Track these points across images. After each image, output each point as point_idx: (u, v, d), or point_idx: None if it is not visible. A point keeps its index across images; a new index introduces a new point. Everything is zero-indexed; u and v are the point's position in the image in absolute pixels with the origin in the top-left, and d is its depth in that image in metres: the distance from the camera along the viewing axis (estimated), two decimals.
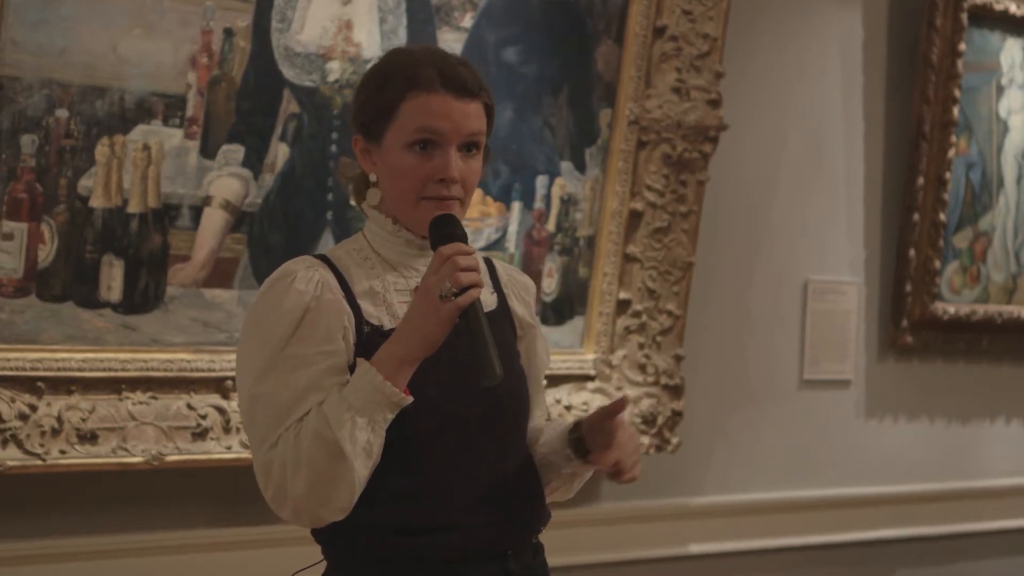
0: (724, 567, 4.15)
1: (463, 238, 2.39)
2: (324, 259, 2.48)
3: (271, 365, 2.38)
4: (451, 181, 2.43)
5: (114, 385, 3.11)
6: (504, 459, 2.51)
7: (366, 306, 2.44)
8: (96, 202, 3.07)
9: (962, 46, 4.43)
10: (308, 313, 2.39)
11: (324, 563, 2.53)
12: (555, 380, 3.70)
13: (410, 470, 2.39)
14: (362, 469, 2.33)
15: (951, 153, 4.47)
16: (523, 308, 2.64)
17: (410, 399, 2.35)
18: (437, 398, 2.40)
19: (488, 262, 2.65)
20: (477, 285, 2.34)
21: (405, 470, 2.39)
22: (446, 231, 2.40)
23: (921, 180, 4.43)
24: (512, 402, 2.53)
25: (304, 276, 2.42)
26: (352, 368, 2.39)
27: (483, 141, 2.49)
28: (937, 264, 4.49)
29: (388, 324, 2.43)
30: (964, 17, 4.42)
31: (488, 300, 2.54)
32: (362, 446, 2.33)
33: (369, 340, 2.41)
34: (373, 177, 2.49)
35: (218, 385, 3.23)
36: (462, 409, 2.44)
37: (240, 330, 2.50)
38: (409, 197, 2.44)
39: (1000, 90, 4.64)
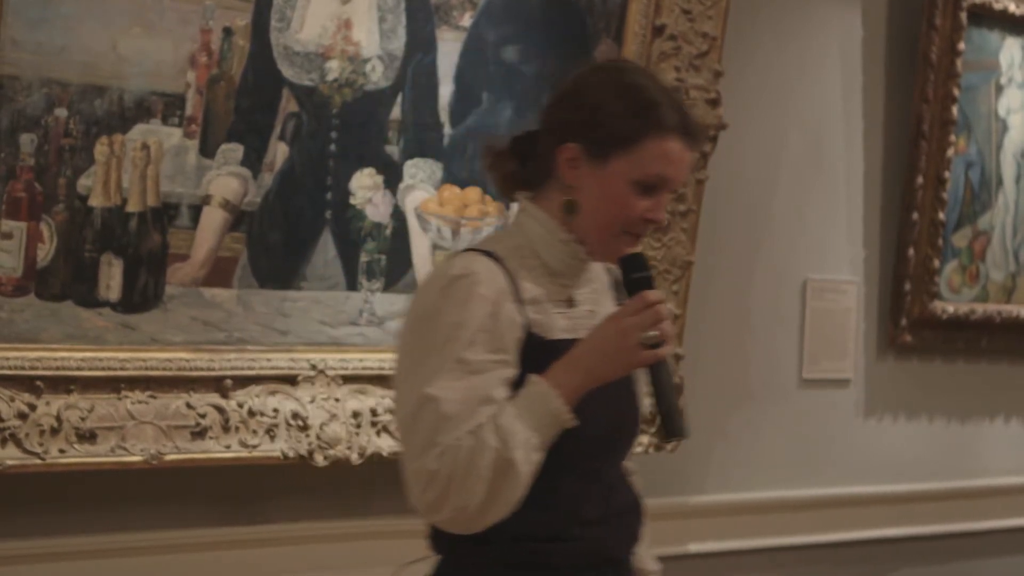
0: (723, 566, 4.16)
1: (652, 282, 2.42)
2: (495, 258, 2.43)
3: (445, 368, 2.34)
4: (657, 224, 2.46)
5: (113, 384, 3.11)
6: (618, 479, 2.56)
7: (532, 315, 2.42)
8: (95, 201, 3.06)
9: (961, 45, 4.43)
10: (490, 320, 2.36)
11: (432, 559, 2.55)
12: None
13: (544, 485, 2.37)
14: (525, 488, 2.33)
15: (950, 152, 4.47)
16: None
17: (576, 423, 2.35)
18: (585, 423, 2.38)
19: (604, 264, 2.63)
20: (669, 337, 2.36)
21: (540, 485, 2.36)
22: (646, 274, 2.42)
23: (920, 179, 4.43)
24: (634, 424, 2.59)
25: (487, 279, 2.38)
26: (519, 380, 2.37)
27: None
28: (936, 263, 4.49)
29: (549, 335, 2.42)
30: (963, 16, 4.42)
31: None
32: (533, 465, 2.33)
33: (534, 350, 2.40)
34: (568, 187, 2.45)
35: (217, 384, 3.23)
36: (601, 432, 2.45)
37: (407, 318, 2.45)
38: (614, 228, 2.43)
39: (999, 89, 4.64)
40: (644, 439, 3.81)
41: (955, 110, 4.45)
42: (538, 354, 2.38)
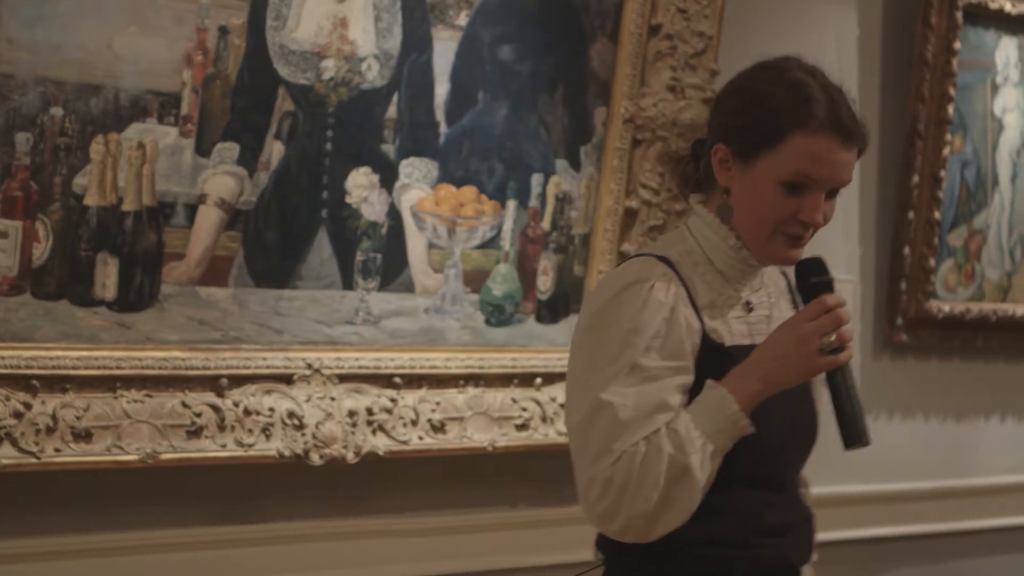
0: None
1: (832, 286, 2.38)
2: (668, 263, 2.41)
3: (621, 374, 2.33)
4: (813, 226, 2.39)
5: (109, 383, 3.10)
6: (797, 488, 2.55)
7: (708, 320, 2.40)
8: (91, 200, 3.06)
9: (957, 44, 4.43)
10: (665, 325, 2.35)
11: (600, 568, 2.54)
12: (550, 378, 3.70)
13: (729, 493, 2.37)
14: (700, 495, 2.32)
15: (946, 151, 4.47)
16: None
17: (753, 429, 2.33)
18: (766, 430, 2.37)
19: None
20: (849, 342, 2.34)
21: (725, 492, 2.36)
22: (825, 278, 2.39)
23: (916, 178, 4.43)
24: (812, 432, 2.56)
25: (662, 285, 2.37)
26: (695, 386, 2.36)
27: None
28: (932, 262, 4.49)
29: (727, 341, 2.40)
30: (959, 15, 4.42)
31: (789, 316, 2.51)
32: (709, 472, 2.31)
33: (711, 357, 2.38)
34: (724, 189, 2.43)
35: (213, 383, 3.23)
36: (781, 439, 2.44)
37: (580, 323, 2.44)
38: (766, 230, 2.39)
39: (995, 88, 4.64)
40: None
41: (951, 109, 4.46)
42: (715, 360, 2.36)
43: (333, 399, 3.37)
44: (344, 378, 3.39)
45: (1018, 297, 4.77)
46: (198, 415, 3.20)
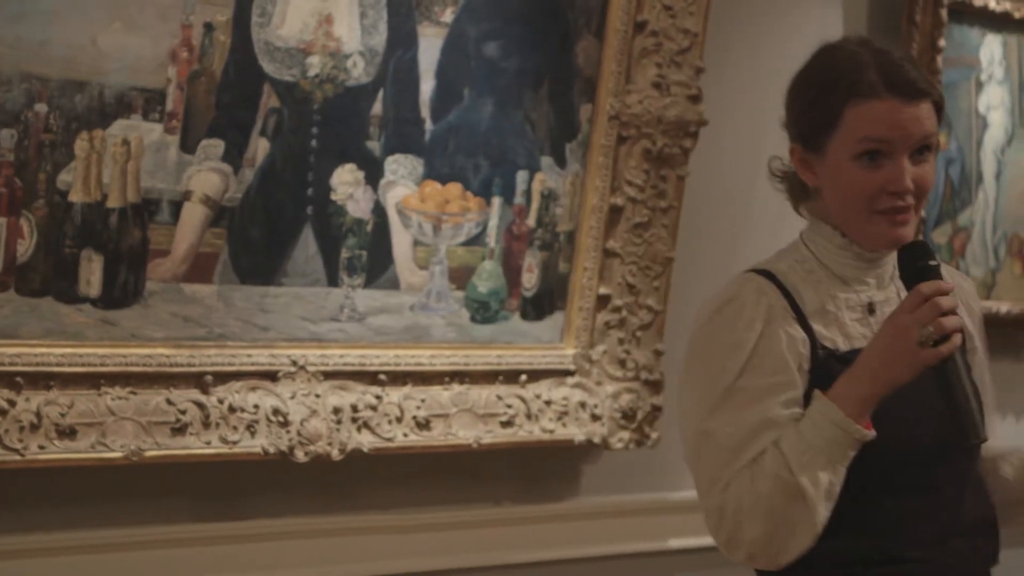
0: (704, 562, 4.15)
1: (938, 271, 2.27)
2: (769, 276, 2.37)
3: (721, 400, 2.29)
4: (905, 192, 2.30)
5: (93, 380, 3.10)
6: (961, 491, 2.39)
7: (819, 328, 2.34)
8: (75, 197, 3.05)
9: (942, 42, 4.44)
10: (761, 342, 2.29)
11: None
12: (535, 375, 3.70)
13: (867, 504, 2.29)
14: (824, 512, 2.24)
15: None
16: (970, 320, 2.49)
17: (873, 434, 2.24)
18: (898, 432, 2.28)
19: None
20: (959, 331, 2.23)
21: (862, 504, 2.28)
22: (921, 264, 2.28)
23: None
24: (966, 424, 2.36)
25: (753, 301, 2.33)
26: (807, 399, 2.28)
27: (936, 142, 2.35)
28: None
29: (843, 346, 2.34)
30: (944, 13, 4.42)
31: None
32: (824, 488, 2.23)
33: (825, 365, 2.31)
34: (815, 190, 2.38)
35: (197, 380, 3.22)
36: (922, 443, 2.32)
37: (685, 356, 2.39)
38: (860, 212, 2.33)
39: (979, 86, 4.65)
40: (624, 435, 3.82)
41: None
42: (831, 368, 2.30)
43: (318, 396, 3.37)
44: (329, 375, 3.39)
45: (1003, 294, 4.78)
46: (183, 412, 3.20)
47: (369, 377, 3.45)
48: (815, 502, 2.23)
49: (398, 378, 3.49)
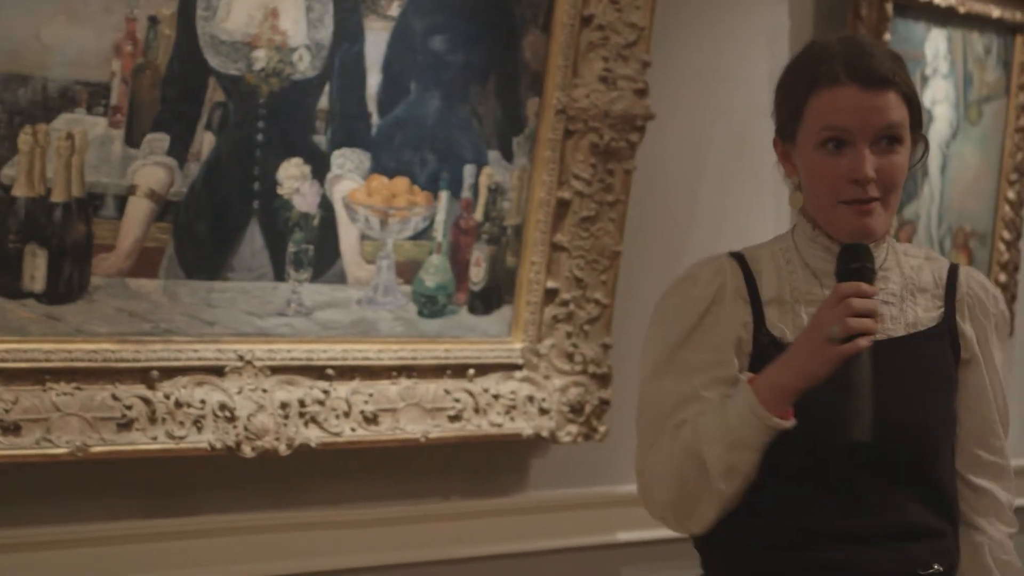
0: (652, 554, 4.17)
1: (868, 275, 2.28)
2: (740, 259, 2.41)
3: (661, 367, 2.37)
4: (865, 181, 2.30)
5: (38, 376, 3.08)
6: (894, 496, 2.37)
7: (771, 314, 2.37)
8: (19, 191, 3.03)
9: (887, 36, 4.46)
10: (704, 318, 2.35)
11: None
12: (483, 369, 3.70)
13: (781, 493, 2.32)
14: (727, 489, 2.29)
15: None
16: (974, 328, 2.47)
17: (789, 423, 2.26)
18: (820, 431, 2.29)
19: (953, 267, 2.50)
20: (868, 333, 2.23)
21: (777, 492, 2.32)
22: (855, 265, 2.29)
23: None
24: (911, 439, 2.38)
25: (707, 280, 2.38)
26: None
27: (903, 134, 2.34)
28: None
29: (790, 336, 2.35)
30: (889, 7, 4.45)
31: (923, 317, 2.43)
32: (726, 467, 2.28)
33: (766, 351, 2.34)
34: (796, 180, 2.41)
35: (143, 375, 3.21)
36: (834, 439, 2.29)
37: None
38: (826, 201, 2.35)
39: (924, 80, 4.68)
40: (572, 428, 3.82)
41: None
42: (771, 355, 2.33)
43: (265, 391, 3.36)
44: (276, 370, 3.38)
45: None
46: (129, 408, 3.18)
47: (316, 372, 3.44)
48: (715, 478, 2.28)
49: (345, 373, 3.48)
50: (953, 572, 2.46)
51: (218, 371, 3.31)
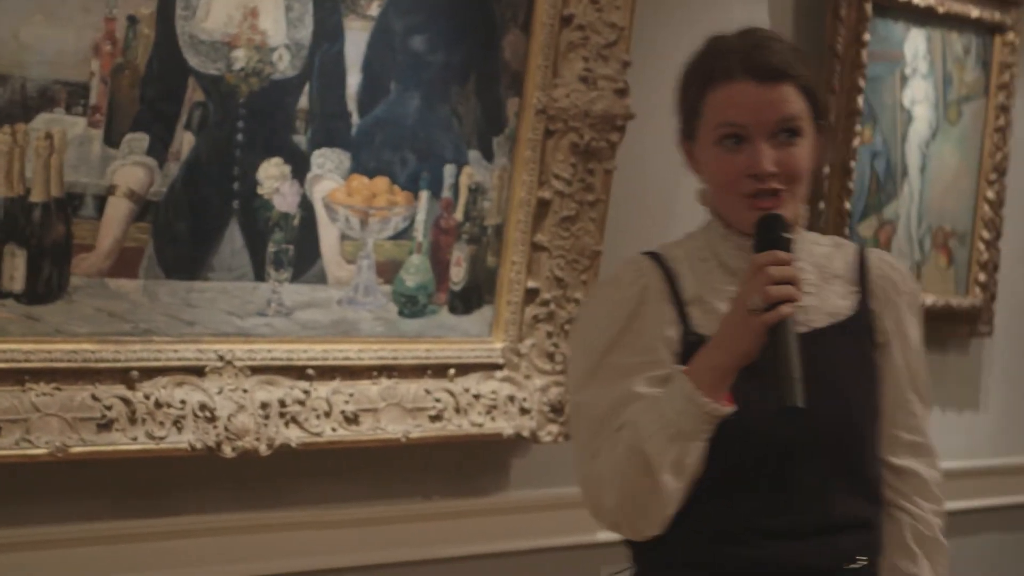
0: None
1: (784, 244, 2.26)
2: (658, 259, 2.39)
3: (592, 374, 2.33)
4: (764, 175, 2.29)
5: (17, 376, 3.07)
6: (823, 488, 2.37)
7: (694, 313, 2.36)
8: None
9: (867, 36, 4.47)
10: (632, 322, 2.33)
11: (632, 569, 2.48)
12: (463, 369, 3.70)
13: (717, 487, 2.29)
14: (673, 483, 2.25)
15: (856, 142, 4.51)
16: (887, 309, 2.46)
17: (730, 409, 2.24)
18: (755, 420, 2.28)
19: (861, 251, 2.50)
20: (790, 300, 2.21)
21: (713, 486, 2.29)
22: (768, 236, 2.28)
23: (827, 169, 4.46)
24: (840, 433, 2.38)
25: (630, 281, 2.36)
26: None
27: (803, 126, 2.33)
28: None
29: (711, 332, 2.32)
30: (868, 7, 4.46)
31: (840, 306, 2.41)
32: (671, 461, 2.24)
33: (694, 350, 2.31)
34: (702, 179, 2.40)
35: (123, 376, 3.20)
36: (781, 433, 2.30)
37: (572, 332, 2.48)
38: (728, 197, 2.35)
39: (904, 80, 4.69)
40: (553, 428, 3.82)
41: (860, 100, 4.49)
42: (697, 351, 2.30)
43: (245, 391, 3.35)
44: (256, 370, 3.38)
45: (928, 287, 4.82)
46: (108, 408, 3.17)
47: (297, 372, 3.44)
48: (659, 473, 2.24)
49: (326, 373, 3.48)
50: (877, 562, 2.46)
51: (198, 371, 3.30)
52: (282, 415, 3.39)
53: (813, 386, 2.23)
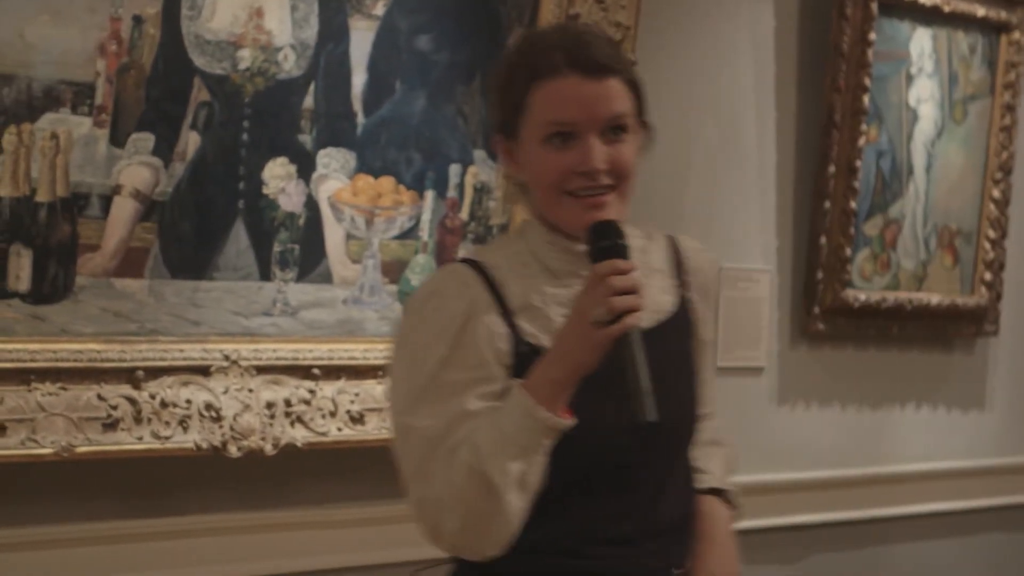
0: None
1: (622, 251, 2.19)
2: (479, 269, 2.29)
3: (422, 393, 2.22)
4: (595, 172, 2.23)
5: (23, 376, 3.07)
6: (658, 493, 2.34)
7: (523, 323, 2.27)
8: (3, 191, 3.03)
9: (872, 35, 4.47)
10: (461, 336, 2.22)
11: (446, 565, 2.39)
12: None
13: (562, 497, 2.23)
14: (517, 501, 2.17)
15: (861, 141, 4.50)
16: (705, 300, 2.43)
17: (570, 422, 2.17)
18: (594, 428, 2.22)
19: (672, 241, 2.45)
20: (634, 310, 2.14)
21: (557, 496, 2.22)
22: (603, 243, 2.20)
23: (832, 168, 4.46)
24: (675, 435, 2.35)
25: (455, 295, 2.25)
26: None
27: (631, 122, 2.28)
28: (848, 252, 4.53)
29: (547, 342, 2.24)
30: (874, 6, 4.45)
31: (664, 302, 2.36)
32: (515, 478, 2.16)
33: (527, 360, 2.23)
34: (523, 179, 2.31)
35: (129, 376, 3.20)
36: (619, 444, 2.25)
37: (390, 348, 2.32)
38: (554, 196, 2.25)
39: (910, 79, 4.68)
40: None
41: (866, 100, 4.49)
42: (532, 363, 2.22)
43: (251, 391, 3.35)
44: (262, 369, 3.38)
45: (933, 286, 4.81)
46: (114, 408, 3.18)
47: (302, 371, 3.44)
48: (503, 491, 2.16)
49: (331, 372, 3.48)
50: None
51: (204, 371, 3.30)
52: (288, 415, 3.39)
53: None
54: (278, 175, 3.39)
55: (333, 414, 3.47)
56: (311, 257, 3.47)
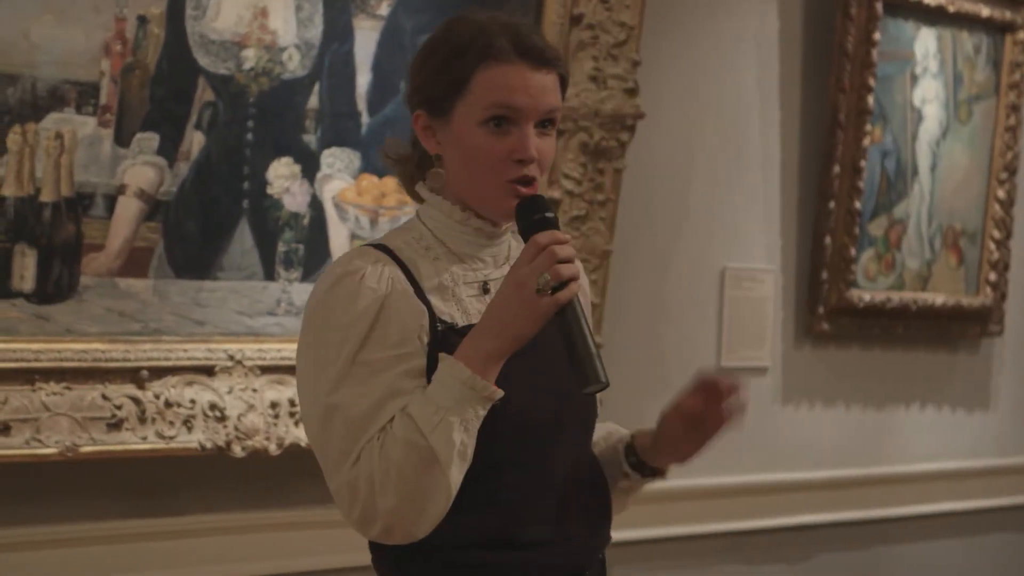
0: (640, 554, 4.17)
1: (554, 223, 2.20)
2: (386, 251, 2.28)
3: (345, 373, 2.19)
4: (529, 161, 2.23)
5: (27, 376, 3.07)
6: (578, 470, 2.34)
7: (437, 303, 2.26)
8: (8, 191, 3.03)
9: (877, 35, 4.47)
10: (382, 313, 2.20)
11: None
12: None
13: (488, 480, 2.21)
14: (457, 474, 2.15)
15: (866, 141, 4.50)
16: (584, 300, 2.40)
17: (501, 392, 2.16)
18: (520, 402, 2.21)
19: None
20: (575, 279, 2.16)
21: (483, 480, 2.20)
22: (538, 216, 2.20)
23: (837, 168, 4.46)
24: (586, 408, 2.36)
25: (373, 272, 2.23)
26: (430, 371, 2.20)
27: (559, 117, 2.30)
28: (853, 251, 4.53)
29: (460, 321, 2.25)
30: (879, 7, 4.45)
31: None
32: (457, 449, 2.14)
33: (444, 339, 2.22)
34: (436, 158, 2.29)
35: (133, 375, 3.20)
36: (541, 417, 2.25)
37: (301, 332, 2.28)
38: (484, 180, 2.25)
39: (914, 79, 4.68)
40: None
41: (871, 100, 4.49)
42: (450, 341, 2.21)
43: (255, 390, 3.35)
44: (266, 369, 3.38)
45: (937, 286, 4.81)
46: (118, 407, 3.18)
47: None
48: (448, 464, 2.14)
49: None
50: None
51: (208, 371, 3.31)
52: (292, 414, 3.39)
53: (562, 364, 2.19)
54: (282, 175, 3.39)
55: None
56: (315, 257, 3.47)
